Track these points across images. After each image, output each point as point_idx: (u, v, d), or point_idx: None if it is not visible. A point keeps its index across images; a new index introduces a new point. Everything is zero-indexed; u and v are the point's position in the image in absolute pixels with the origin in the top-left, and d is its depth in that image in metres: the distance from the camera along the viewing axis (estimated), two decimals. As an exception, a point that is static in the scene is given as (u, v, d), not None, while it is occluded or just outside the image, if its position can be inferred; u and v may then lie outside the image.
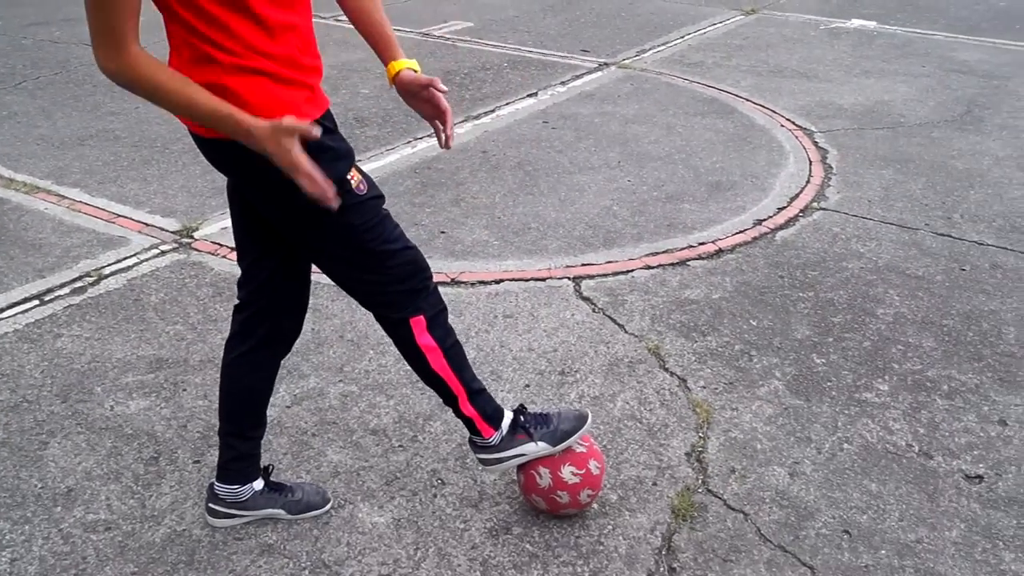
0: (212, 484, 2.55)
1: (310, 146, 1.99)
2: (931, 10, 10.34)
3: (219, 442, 2.52)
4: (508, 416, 2.48)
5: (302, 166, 1.83)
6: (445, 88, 2.23)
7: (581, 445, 2.54)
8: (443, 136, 2.30)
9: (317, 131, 1.85)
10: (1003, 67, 7.80)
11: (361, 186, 2.11)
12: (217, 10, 1.83)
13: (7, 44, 7.71)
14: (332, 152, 2.05)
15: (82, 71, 7.00)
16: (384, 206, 2.20)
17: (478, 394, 2.43)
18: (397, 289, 2.23)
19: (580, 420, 2.51)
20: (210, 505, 2.55)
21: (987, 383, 3.29)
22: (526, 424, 2.48)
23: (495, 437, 2.46)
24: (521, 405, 2.54)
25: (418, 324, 2.28)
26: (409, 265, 2.23)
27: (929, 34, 9.07)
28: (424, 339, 2.30)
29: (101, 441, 2.91)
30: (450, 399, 2.42)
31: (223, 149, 1.99)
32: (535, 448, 2.47)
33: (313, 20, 2.05)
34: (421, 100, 2.27)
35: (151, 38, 2.04)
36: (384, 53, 2.25)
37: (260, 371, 2.46)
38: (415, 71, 2.24)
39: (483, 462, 2.52)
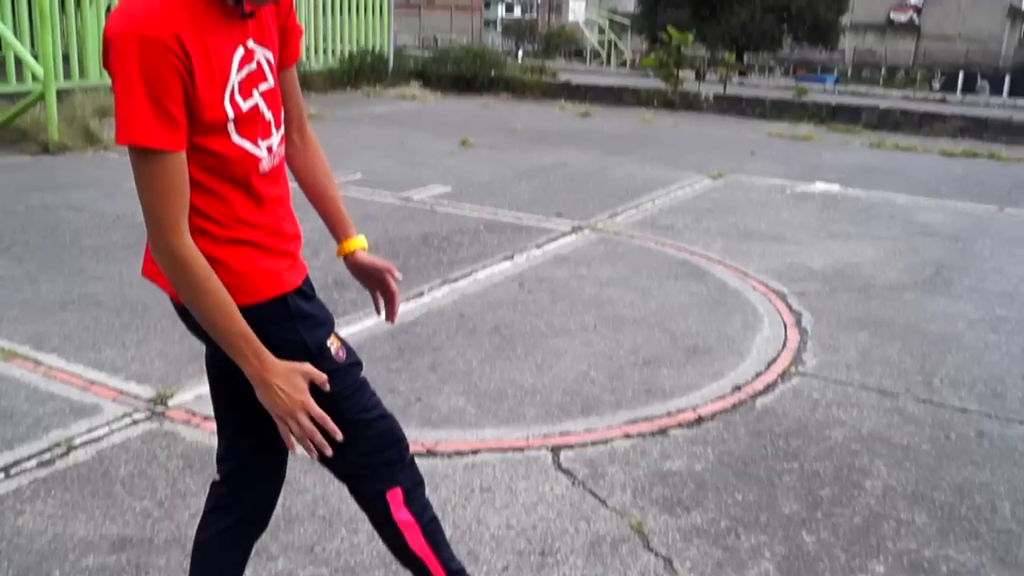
0: None
1: (292, 312, 2.01)
2: (891, 173, 10.69)
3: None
4: None
5: (312, 409, 1.92)
6: (399, 276, 2.38)
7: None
8: (383, 310, 2.42)
9: (327, 387, 1.96)
10: (966, 229, 8.01)
11: (340, 353, 2.11)
12: (219, 186, 1.89)
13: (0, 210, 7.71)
14: (312, 319, 2.08)
15: (70, 235, 6.99)
16: (361, 373, 2.18)
17: (457, 575, 2.33)
18: (373, 461, 2.18)
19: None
20: None
21: (987, 563, 3.18)
22: None
23: (474, 622, 2.33)
24: None
25: (395, 498, 2.20)
26: (385, 435, 2.19)
27: (891, 196, 9.35)
28: (401, 514, 2.21)
29: (57, 633, 2.74)
30: (427, 581, 2.31)
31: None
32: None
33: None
34: (372, 280, 2.39)
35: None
36: (336, 228, 2.35)
37: (237, 547, 2.36)
38: (365, 249, 2.37)
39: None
